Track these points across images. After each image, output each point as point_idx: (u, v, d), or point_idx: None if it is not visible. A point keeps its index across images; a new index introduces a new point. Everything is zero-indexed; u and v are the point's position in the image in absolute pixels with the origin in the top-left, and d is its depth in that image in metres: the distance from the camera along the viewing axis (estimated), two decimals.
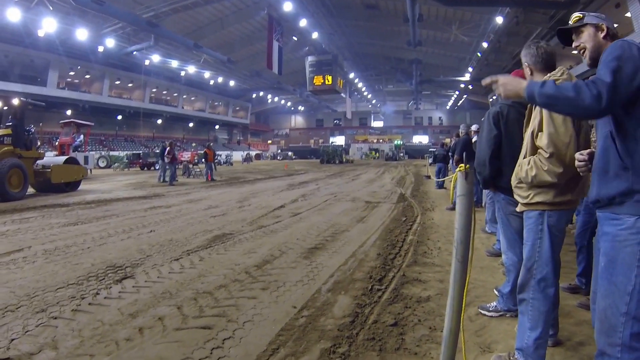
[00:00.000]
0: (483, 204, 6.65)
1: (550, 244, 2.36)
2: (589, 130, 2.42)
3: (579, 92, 1.53)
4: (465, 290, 2.02)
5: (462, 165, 1.98)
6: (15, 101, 11.82)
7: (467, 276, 2.03)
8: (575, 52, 2.13)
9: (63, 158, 13.66)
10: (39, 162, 12.27)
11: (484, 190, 6.29)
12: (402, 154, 56.38)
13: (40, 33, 28.29)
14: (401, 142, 62.29)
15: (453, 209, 7.99)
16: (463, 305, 2.03)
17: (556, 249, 2.39)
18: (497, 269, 4.45)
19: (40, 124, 27.31)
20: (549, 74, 2.41)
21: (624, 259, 1.59)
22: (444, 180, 13.08)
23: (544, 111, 2.28)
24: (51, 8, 25.75)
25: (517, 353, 2.44)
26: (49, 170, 12.04)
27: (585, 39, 1.97)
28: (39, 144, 13.07)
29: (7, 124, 11.43)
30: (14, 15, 24.27)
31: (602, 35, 1.91)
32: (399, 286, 3.97)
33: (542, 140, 2.30)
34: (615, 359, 1.61)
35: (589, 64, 2.00)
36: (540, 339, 2.34)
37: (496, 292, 3.55)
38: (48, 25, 26.64)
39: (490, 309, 3.28)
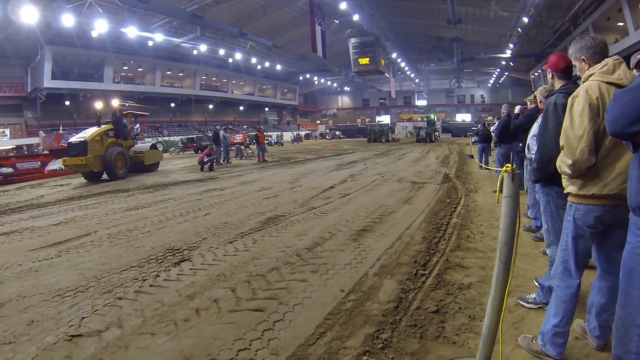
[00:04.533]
0: (525, 189, 6.29)
1: (574, 236, 2.36)
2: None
3: None
4: (507, 291, 1.95)
5: (509, 165, 1.89)
6: (115, 103, 15.70)
7: (509, 277, 1.96)
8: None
9: (148, 144, 16.27)
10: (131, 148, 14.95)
11: (525, 175, 5.93)
12: (437, 133, 42.35)
13: (94, 34, 30.04)
14: (434, 117, 48.12)
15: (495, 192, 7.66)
16: (504, 307, 1.99)
17: (580, 243, 2.37)
18: (538, 257, 4.29)
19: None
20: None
21: None
22: (487, 164, 12.46)
23: (567, 105, 2.27)
24: (101, 10, 27.08)
25: (539, 336, 2.52)
26: (142, 154, 14.75)
27: None
28: (132, 134, 15.63)
29: (107, 120, 14.10)
30: (69, 20, 26.10)
31: None
32: (442, 271, 3.93)
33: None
34: None
35: None
36: (558, 327, 2.40)
37: (536, 284, 3.44)
38: (100, 26, 28.31)
39: (530, 301, 3.18)
